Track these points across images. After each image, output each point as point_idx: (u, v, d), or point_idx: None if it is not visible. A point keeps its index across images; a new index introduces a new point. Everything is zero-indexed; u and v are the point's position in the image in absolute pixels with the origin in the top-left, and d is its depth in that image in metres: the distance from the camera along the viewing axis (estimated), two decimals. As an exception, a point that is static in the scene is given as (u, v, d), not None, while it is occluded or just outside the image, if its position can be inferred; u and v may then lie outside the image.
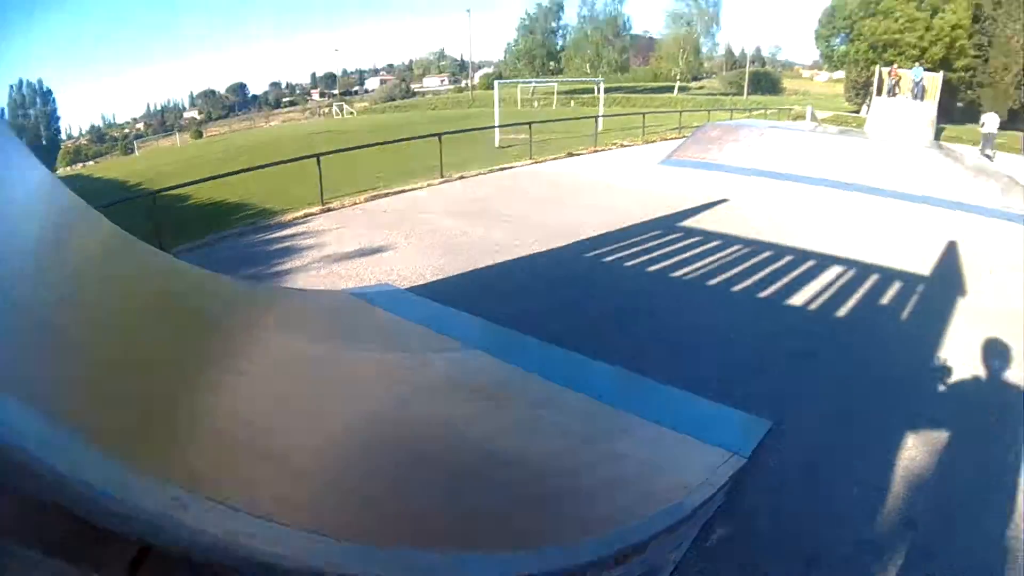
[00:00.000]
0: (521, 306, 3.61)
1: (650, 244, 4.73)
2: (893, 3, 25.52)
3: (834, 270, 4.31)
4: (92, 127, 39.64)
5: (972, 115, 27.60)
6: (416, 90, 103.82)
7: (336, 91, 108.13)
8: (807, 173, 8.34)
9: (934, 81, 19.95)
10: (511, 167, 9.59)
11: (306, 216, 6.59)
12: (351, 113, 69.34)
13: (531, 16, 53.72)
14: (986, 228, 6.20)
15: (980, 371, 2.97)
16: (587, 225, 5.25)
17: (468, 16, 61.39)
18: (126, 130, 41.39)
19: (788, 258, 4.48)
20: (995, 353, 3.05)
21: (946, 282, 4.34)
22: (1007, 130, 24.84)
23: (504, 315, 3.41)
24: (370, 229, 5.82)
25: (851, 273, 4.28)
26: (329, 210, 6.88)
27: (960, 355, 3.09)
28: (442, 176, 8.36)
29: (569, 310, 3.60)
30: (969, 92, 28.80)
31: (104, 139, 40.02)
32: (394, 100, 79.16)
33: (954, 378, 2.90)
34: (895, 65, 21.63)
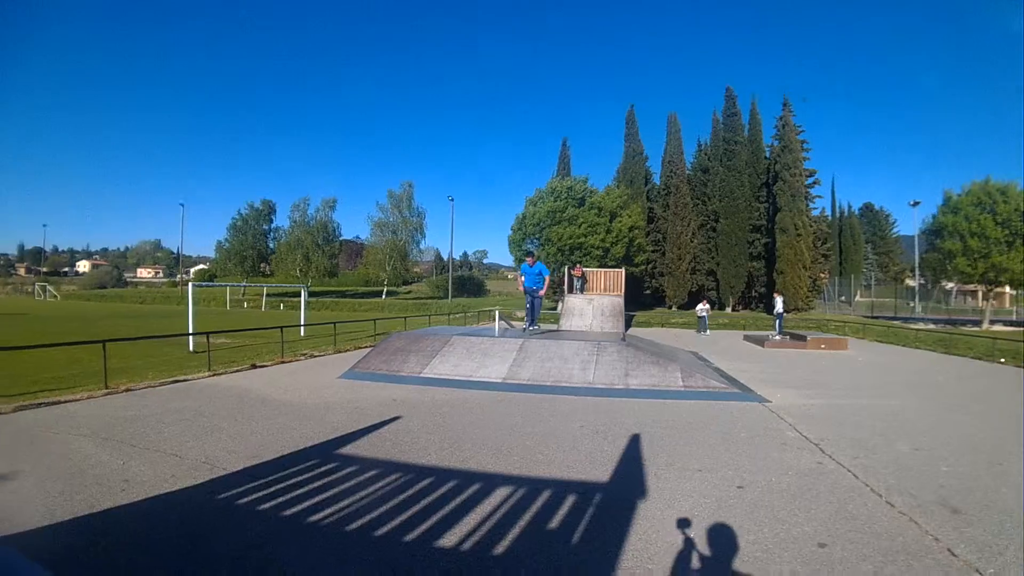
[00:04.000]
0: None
1: (298, 479, 3.95)
2: (576, 211, 27.47)
3: (502, 491, 3.71)
4: None
5: (659, 300, 33.90)
6: (129, 279, 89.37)
7: (43, 269, 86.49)
8: (492, 378, 8.16)
9: (618, 276, 21.92)
10: (189, 379, 8.25)
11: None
12: (55, 296, 55.58)
13: (243, 216, 52.93)
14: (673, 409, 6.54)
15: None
16: (235, 456, 4.50)
17: (182, 210, 57.63)
18: None
19: (453, 483, 3.88)
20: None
21: (626, 483, 3.97)
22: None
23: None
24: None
25: (547, 493, 3.66)
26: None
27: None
28: (107, 386, 7.13)
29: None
30: (652, 281, 35.39)
31: None
32: (105, 287, 66.29)
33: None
34: (579, 264, 23.28)
